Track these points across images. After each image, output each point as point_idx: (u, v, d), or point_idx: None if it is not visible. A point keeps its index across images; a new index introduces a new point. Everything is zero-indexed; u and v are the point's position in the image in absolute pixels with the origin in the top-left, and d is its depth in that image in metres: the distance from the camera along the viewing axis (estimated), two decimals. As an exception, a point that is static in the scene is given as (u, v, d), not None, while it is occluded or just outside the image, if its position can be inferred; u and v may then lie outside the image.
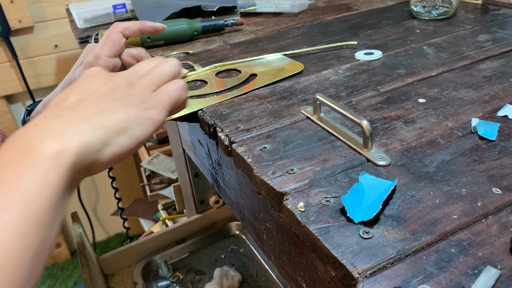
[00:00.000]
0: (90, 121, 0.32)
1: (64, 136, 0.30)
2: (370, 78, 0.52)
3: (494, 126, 0.39)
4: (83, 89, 0.36)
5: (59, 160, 0.29)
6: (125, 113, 0.34)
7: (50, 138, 0.29)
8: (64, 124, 0.31)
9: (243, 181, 0.45)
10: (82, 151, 0.30)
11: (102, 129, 0.32)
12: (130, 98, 0.36)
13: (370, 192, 0.32)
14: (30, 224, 0.26)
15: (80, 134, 0.31)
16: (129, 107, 0.35)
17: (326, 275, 0.31)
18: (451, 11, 0.72)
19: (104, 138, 0.32)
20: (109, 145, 0.33)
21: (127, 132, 0.34)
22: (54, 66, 1.53)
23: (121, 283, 0.97)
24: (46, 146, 0.29)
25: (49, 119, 0.32)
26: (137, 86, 0.37)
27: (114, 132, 0.33)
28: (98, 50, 0.51)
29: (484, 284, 0.25)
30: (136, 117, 0.35)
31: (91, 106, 0.34)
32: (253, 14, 0.88)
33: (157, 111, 0.36)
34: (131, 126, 0.34)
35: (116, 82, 0.37)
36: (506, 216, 0.29)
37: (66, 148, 0.29)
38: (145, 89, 0.37)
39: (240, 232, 1.08)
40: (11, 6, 1.38)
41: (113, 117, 0.34)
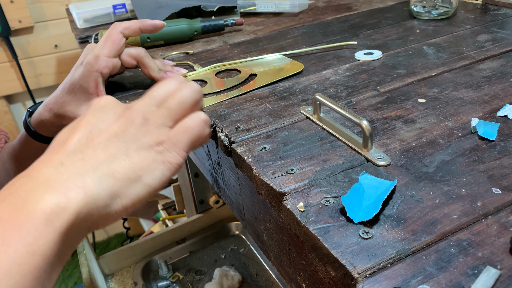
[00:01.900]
0: (98, 170, 0.28)
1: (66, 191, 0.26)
2: (370, 78, 0.52)
3: (494, 126, 0.39)
4: (92, 126, 0.31)
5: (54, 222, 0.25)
6: (138, 159, 0.30)
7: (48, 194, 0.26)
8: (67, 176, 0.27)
9: (243, 181, 0.45)
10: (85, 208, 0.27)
11: (111, 180, 0.29)
12: (144, 139, 0.32)
13: (370, 192, 0.32)
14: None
15: (85, 187, 0.27)
16: (143, 150, 0.31)
17: (326, 275, 0.31)
18: (451, 11, 0.72)
19: (113, 190, 0.28)
20: (119, 197, 0.29)
21: (141, 180, 0.30)
22: (54, 66, 1.53)
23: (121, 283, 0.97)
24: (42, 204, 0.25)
25: (49, 168, 0.28)
26: (152, 122, 0.33)
27: (126, 182, 0.29)
28: (98, 50, 0.51)
29: (484, 284, 0.25)
30: (151, 163, 0.31)
31: (100, 150, 0.30)
32: (253, 14, 0.88)
33: (175, 153, 0.32)
34: (145, 173, 0.30)
35: (130, 118, 0.32)
36: (506, 216, 0.29)
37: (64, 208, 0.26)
38: (161, 126, 0.33)
39: (240, 232, 1.09)
40: (11, 6, 1.38)
41: (125, 164, 0.30)
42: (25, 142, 0.59)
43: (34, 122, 0.57)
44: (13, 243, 0.24)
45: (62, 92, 0.54)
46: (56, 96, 0.54)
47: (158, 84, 0.35)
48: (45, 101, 0.56)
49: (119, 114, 0.33)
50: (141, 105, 0.33)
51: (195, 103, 0.35)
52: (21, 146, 0.60)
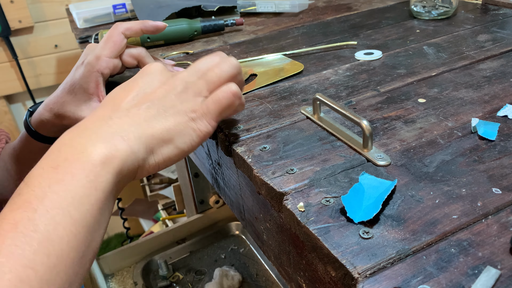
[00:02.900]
0: (139, 127, 0.33)
1: (113, 142, 0.30)
2: (370, 78, 0.52)
3: (494, 126, 0.39)
4: (140, 89, 0.36)
5: (108, 166, 0.29)
6: (173, 123, 0.34)
7: (100, 143, 0.30)
8: (115, 129, 0.32)
9: (243, 181, 0.45)
10: (128, 158, 0.31)
11: (148, 138, 0.33)
12: (181, 105, 0.36)
13: (370, 192, 0.32)
14: (80, 226, 0.27)
15: (128, 141, 0.31)
16: (179, 115, 0.35)
17: (326, 275, 0.31)
18: (451, 11, 0.72)
19: (149, 147, 0.33)
20: (154, 153, 0.33)
21: (172, 142, 0.34)
22: (54, 66, 1.53)
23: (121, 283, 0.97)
24: (96, 151, 0.29)
25: (100, 121, 0.32)
26: (191, 90, 0.37)
27: (159, 142, 0.33)
28: (99, 51, 0.51)
29: (484, 284, 0.25)
30: (183, 128, 0.35)
31: (144, 110, 0.34)
32: (253, 14, 0.88)
33: (206, 122, 0.36)
34: (177, 137, 0.34)
35: (173, 85, 0.37)
36: (506, 216, 0.29)
37: (114, 155, 0.30)
38: (198, 95, 0.37)
39: (240, 232, 1.09)
40: (11, 6, 1.38)
41: (161, 126, 0.34)
42: (25, 142, 0.59)
43: (34, 122, 0.57)
44: (80, 178, 0.28)
45: (62, 92, 0.53)
46: (56, 96, 0.54)
47: (202, 57, 0.39)
48: (45, 101, 0.56)
49: (164, 80, 0.37)
50: (184, 75, 0.38)
51: (232, 76, 0.38)
52: (22, 146, 0.60)
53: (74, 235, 0.26)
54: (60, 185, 0.27)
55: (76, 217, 0.27)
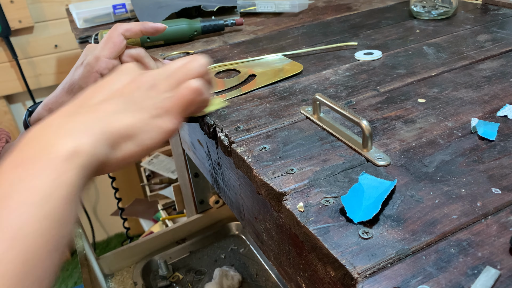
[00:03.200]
0: (102, 122, 0.33)
1: (77, 138, 0.31)
2: (370, 78, 0.52)
3: (494, 126, 0.39)
4: (110, 86, 0.37)
5: (73, 160, 0.30)
6: (137, 119, 0.35)
7: (64, 139, 0.30)
8: (79, 124, 0.32)
9: (243, 181, 0.45)
10: (92, 153, 0.31)
11: (111, 133, 0.33)
12: (146, 102, 0.36)
13: (369, 192, 0.32)
14: (49, 220, 0.27)
15: (91, 136, 0.31)
16: (143, 112, 0.35)
17: (326, 275, 0.31)
18: (451, 11, 0.72)
19: (111, 142, 0.33)
20: (117, 149, 0.33)
21: (135, 139, 0.34)
22: (54, 66, 1.53)
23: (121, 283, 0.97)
24: (61, 147, 0.30)
25: (66, 117, 0.33)
26: (158, 89, 0.37)
27: (121, 138, 0.34)
28: (99, 52, 0.51)
29: (483, 284, 0.25)
30: (145, 125, 0.35)
31: (109, 104, 0.35)
32: (253, 14, 0.88)
33: (167, 119, 0.36)
34: (139, 133, 0.35)
35: (139, 82, 0.37)
36: (506, 216, 0.29)
37: (78, 150, 0.30)
38: (163, 93, 0.37)
39: (240, 232, 1.08)
40: (11, 6, 1.38)
41: (124, 122, 0.34)
42: None
43: (33, 122, 0.57)
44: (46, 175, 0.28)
45: (61, 92, 0.53)
46: (55, 96, 0.54)
47: (176, 60, 0.40)
48: (44, 101, 0.56)
49: (133, 78, 0.38)
50: (154, 73, 0.38)
51: (199, 75, 0.38)
52: None
53: (43, 231, 0.27)
54: (26, 182, 0.28)
55: (43, 213, 0.27)
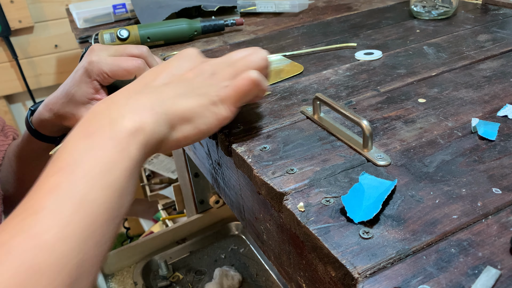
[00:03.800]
0: (164, 104, 0.35)
1: (141, 115, 0.32)
2: (370, 78, 0.52)
3: (494, 126, 0.39)
4: (171, 70, 0.39)
5: (136, 137, 0.31)
6: (196, 104, 0.36)
7: (128, 116, 0.32)
8: (143, 103, 0.34)
9: (243, 181, 0.45)
10: (154, 131, 0.33)
11: (172, 115, 0.35)
12: (206, 89, 0.38)
13: (370, 192, 0.32)
14: (111, 190, 0.29)
15: (154, 115, 0.33)
16: (202, 98, 0.37)
17: (326, 275, 0.31)
18: (451, 11, 0.72)
19: (172, 123, 0.35)
20: (175, 130, 0.35)
21: (192, 122, 0.36)
22: (54, 66, 1.53)
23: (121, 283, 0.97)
24: (126, 122, 0.32)
25: (130, 95, 0.35)
26: (218, 76, 0.39)
27: (180, 120, 0.35)
28: (102, 65, 0.50)
29: (484, 284, 0.25)
30: (203, 110, 0.37)
31: (171, 88, 0.37)
32: (253, 14, 0.88)
33: (225, 107, 0.38)
34: (197, 118, 0.36)
35: (201, 69, 0.39)
36: (506, 216, 0.29)
37: (141, 128, 0.32)
38: (222, 81, 0.38)
39: (240, 232, 1.08)
40: (11, 6, 1.38)
41: (184, 105, 0.36)
42: (27, 141, 0.59)
43: (35, 121, 0.57)
44: (111, 147, 0.30)
45: (62, 93, 0.53)
46: (56, 96, 0.54)
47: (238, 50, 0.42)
48: (45, 101, 0.56)
49: (195, 65, 0.40)
50: (215, 62, 0.40)
51: (259, 68, 0.40)
52: (24, 144, 0.60)
53: (106, 198, 0.29)
54: (93, 152, 0.30)
55: (108, 182, 0.29)
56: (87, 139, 0.31)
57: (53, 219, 0.26)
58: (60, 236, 0.26)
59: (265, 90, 0.40)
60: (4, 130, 0.67)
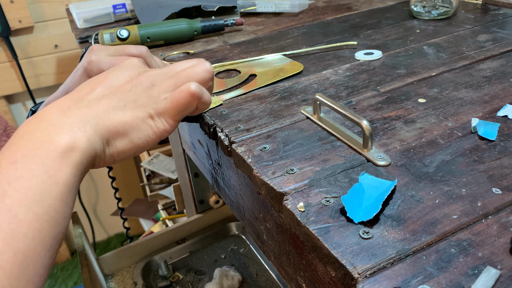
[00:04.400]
0: (96, 119, 0.33)
1: (71, 134, 0.31)
2: (370, 78, 0.52)
3: (494, 126, 0.39)
4: (109, 81, 0.37)
5: (67, 159, 0.30)
6: (130, 117, 0.35)
7: (57, 136, 0.30)
8: (72, 120, 0.32)
9: (243, 181, 0.45)
10: (86, 149, 0.31)
11: (104, 130, 0.33)
12: (143, 101, 0.36)
13: (370, 192, 0.32)
14: (43, 220, 0.27)
15: (84, 132, 0.31)
16: (137, 110, 0.35)
17: (326, 275, 0.31)
18: (451, 11, 0.72)
19: (105, 138, 0.33)
20: (109, 145, 0.34)
21: (127, 137, 0.34)
22: (54, 66, 1.53)
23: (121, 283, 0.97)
24: (57, 142, 0.30)
25: (59, 112, 0.33)
26: (156, 88, 0.37)
27: (114, 135, 0.34)
28: (102, 64, 0.50)
29: (484, 284, 0.25)
30: (139, 124, 0.35)
31: (106, 101, 0.35)
32: (253, 14, 0.88)
33: (163, 120, 0.36)
34: (133, 132, 0.35)
35: (139, 80, 0.37)
36: (506, 216, 0.29)
37: (72, 147, 0.30)
38: (161, 93, 0.37)
39: (240, 232, 1.08)
40: (11, 6, 1.38)
41: (118, 119, 0.34)
42: None
43: None
44: (39, 174, 0.28)
45: (62, 93, 0.53)
46: (56, 97, 0.54)
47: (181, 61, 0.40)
48: (45, 101, 0.56)
49: (133, 75, 0.37)
50: (155, 73, 0.38)
51: (203, 80, 0.38)
52: None
53: (38, 230, 0.27)
54: (20, 181, 0.27)
55: (39, 212, 0.27)
56: (12, 166, 0.28)
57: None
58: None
59: (207, 103, 0.39)
60: (7, 131, 0.67)
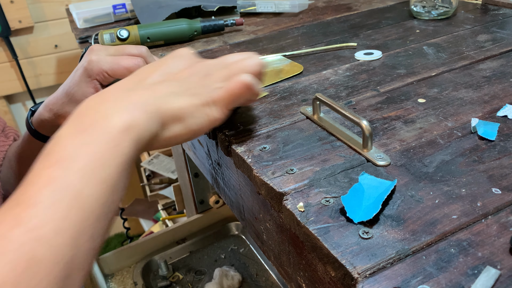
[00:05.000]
0: (156, 102, 0.35)
1: (133, 113, 0.32)
2: (370, 78, 0.52)
3: (494, 126, 0.39)
4: (166, 68, 0.39)
5: (128, 134, 0.31)
6: (188, 104, 0.36)
7: (121, 112, 0.32)
8: (135, 100, 0.34)
9: (243, 181, 0.45)
10: (145, 129, 0.33)
11: (163, 113, 0.35)
12: (199, 89, 0.38)
13: (369, 192, 0.32)
14: (105, 185, 0.29)
15: (146, 113, 0.33)
16: (194, 97, 0.37)
17: (326, 275, 0.31)
18: (451, 11, 0.72)
19: (162, 121, 0.35)
20: (166, 128, 0.35)
21: (183, 122, 0.36)
22: (54, 66, 1.53)
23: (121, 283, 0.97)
24: (118, 119, 0.32)
25: (122, 91, 0.35)
26: (212, 77, 0.39)
27: (172, 119, 0.35)
28: (102, 64, 0.50)
29: (483, 284, 0.25)
30: (195, 110, 0.37)
31: (164, 86, 0.37)
32: (253, 14, 0.88)
33: (217, 108, 0.38)
34: (188, 117, 0.36)
35: (196, 69, 0.39)
36: (506, 216, 0.29)
37: (134, 125, 0.32)
38: (216, 82, 0.39)
39: (240, 232, 1.08)
40: (11, 6, 1.38)
41: (176, 104, 0.36)
42: (28, 141, 0.59)
43: (35, 122, 0.57)
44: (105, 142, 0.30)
45: (62, 94, 0.53)
46: (56, 97, 0.54)
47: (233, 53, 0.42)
48: (45, 101, 0.56)
49: (190, 64, 0.40)
50: (210, 63, 0.40)
51: (253, 72, 0.40)
52: (24, 145, 0.60)
53: (101, 193, 0.29)
54: (88, 148, 0.30)
55: (103, 177, 0.29)
56: (81, 134, 0.31)
57: (50, 213, 0.27)
58: (56, 230, 0.26)
59: (257, 94, 0.40)
60: (5, 131, 0.67)
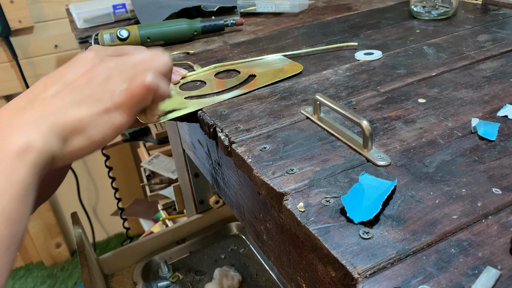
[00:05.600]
0: (51, 117, 0.32)
1: (27, 134, 0.30)
2: (370, 78, 0.52)
3: (494, 126, 0.39)
4: (63, 78, 0.35)
5: (24, 157, 0.29)
6: (86, 113, 0.34)
7: (13, 136, 0.30)
8: (28, 120, 0.31)
9: (243, 181, 0.45)
10: (42, 149, 0.30)
11: (60, 128, 0.32)
12: (100, 94, 0.35)
13: (370, 192, 0.32)
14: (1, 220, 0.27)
15: (40, 132, 0.31)
16: (94, 105, 0.34)
17: (326, 275, 0.31)
18: (451, 11, 0.72)
19: (62, 137, 0.32)
20: (67, 143, 0.33)
21: (85, 133, 0.34)
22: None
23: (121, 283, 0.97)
24: (12, 143, 0.29)
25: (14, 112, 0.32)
26: (113, 80, 0.36)
27: (71, 132, 0.33)
28: None
29: (484, 284, 0.25)
30: (96, 119, 0.34)
31: (60, 98, 0.34)
32: (253, 14, 0.88)
33: (120, 113, 0.35)
34: (90, 127, 0.34)
35: (96, 73, 0.36)
36: (506, 216, 0.29)
37: (28, 147, 0.29)
38: (120, 85, 0.36)
39: (240, 232, 1.08)
40: (11, 6, 1.38)
41: (73, 115, 0.33)
42: None
43: None
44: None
45: None
46: None
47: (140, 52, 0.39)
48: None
49: (88, 68, 0.36)
50: (112, 64, 0.37)
51: (160, 73, 0.37)
52: None
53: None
54: None
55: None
56: None
57: None
58: None
59: (164, 95, 0.38)
60: None
